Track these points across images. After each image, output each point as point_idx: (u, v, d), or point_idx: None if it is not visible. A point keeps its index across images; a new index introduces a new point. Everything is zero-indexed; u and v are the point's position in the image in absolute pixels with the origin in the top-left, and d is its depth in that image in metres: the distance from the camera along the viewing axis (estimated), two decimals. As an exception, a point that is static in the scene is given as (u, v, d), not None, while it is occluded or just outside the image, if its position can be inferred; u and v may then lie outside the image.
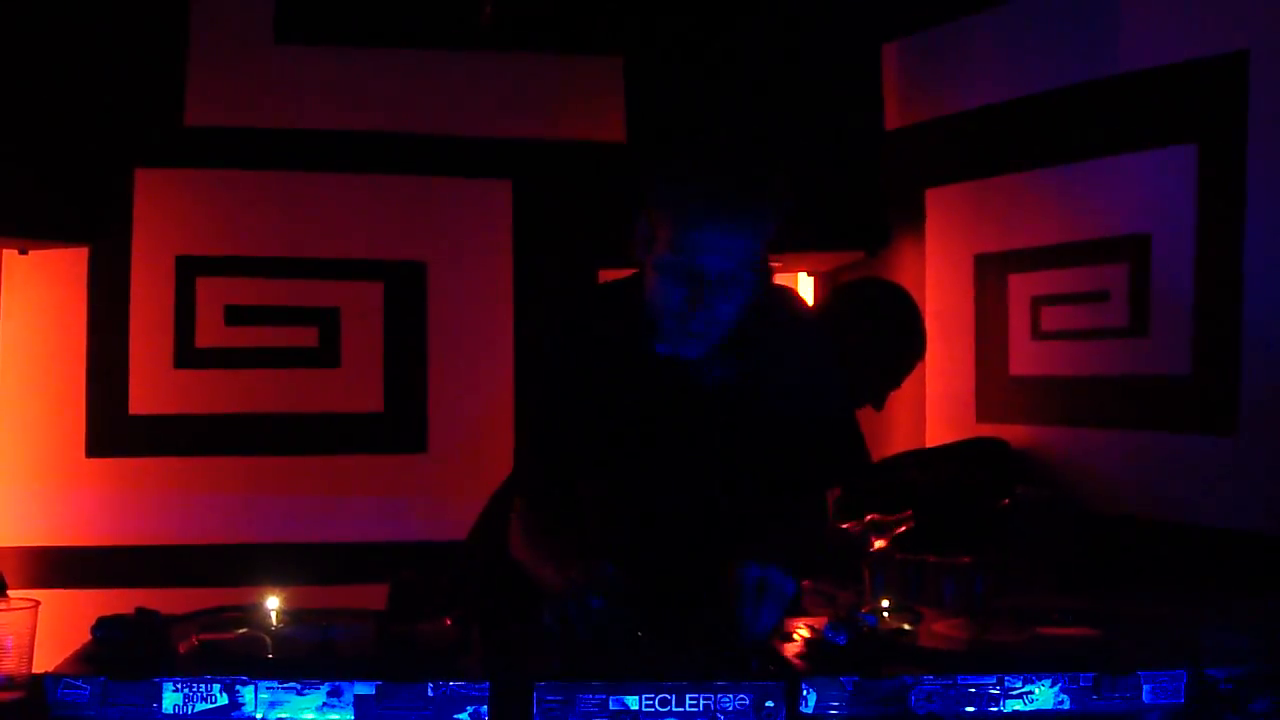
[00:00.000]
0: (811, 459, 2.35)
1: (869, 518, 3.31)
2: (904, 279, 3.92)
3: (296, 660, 1.76)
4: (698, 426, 2.30)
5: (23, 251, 3.75)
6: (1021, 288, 3.71)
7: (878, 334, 3.36)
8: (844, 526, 3.30)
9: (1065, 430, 3.57)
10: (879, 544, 3.05)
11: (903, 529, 3.09)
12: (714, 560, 2.18)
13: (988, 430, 3.78)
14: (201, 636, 1.84)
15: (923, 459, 3.72)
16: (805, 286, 4.36)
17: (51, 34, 3.44)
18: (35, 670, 1.91)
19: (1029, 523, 3.29)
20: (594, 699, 1.69)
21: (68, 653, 1.78)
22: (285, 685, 1.69)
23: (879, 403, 3.45)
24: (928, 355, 3.63)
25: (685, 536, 2.32)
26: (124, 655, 1.75)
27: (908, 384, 3.61)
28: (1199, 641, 1.91)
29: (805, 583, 3.17)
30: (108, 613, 1.85)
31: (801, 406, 2.34)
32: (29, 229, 3.51)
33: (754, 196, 2.17)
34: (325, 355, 4.11)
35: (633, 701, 1.70)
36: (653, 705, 1.70)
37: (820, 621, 1.96)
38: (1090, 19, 3.49)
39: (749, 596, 1.97)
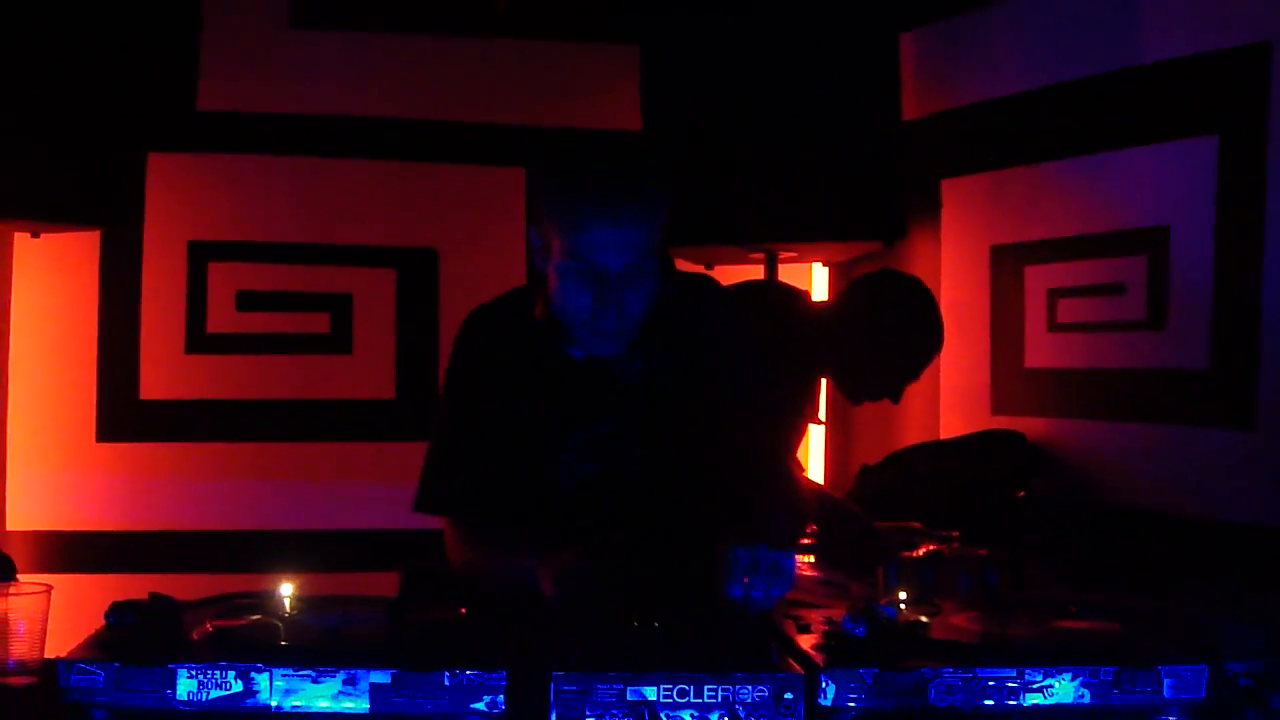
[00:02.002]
0: (730, 440, 2.33)
1: (912, 524, 3.30)
2: (919, 270, 3.90)
3: (312, 648, 1.74)
4: (625, 421, 2.29)
5: (35, 235, 3.74)
6: (1038, 279, 3.70)
7: (896, 327, 3.34)
8: (880, 525, 3.30)
9: (1081, 423, 3.56)
10: (910, 553, 3.04)
11: (935, 550, 3.08)
12: (672, 549, 2.22)
13: (1003, 423, 3.76)
14: (215, 623, 1.82)
15: (937, 451, 3.71)
16: (820, 278, 4.35)
17: (65, 18, 3.43)
18: (47, 655, 1.91)
19: (1044, 516, 3.28)
20: (611, 689, 1.68)
21: (80, 638, 1.76)
22: (300, 673, 1.67)
23: (896, 396, 3.43)
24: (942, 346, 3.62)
25: (630, 534, 2.31)
26: (137, 641, 1.74)
27: (922, 375, 3.59)
28: (1219, 636, 1.90)
29: (802, 566, 3.16)
30: (119, 598, 1.83)
31: (718, 390, 2.33)
32: (41, 212, 3.50)
33: (639, 187, 2.16)
34: (337, 341, 4.10)
35: (650, 692, 1.68)
36: (671, 696, 1.68)
37: (838, 613, 1.94)
38: (1110, 9, 3.47)
39: (740, 577, 1.96)
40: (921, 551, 2.86)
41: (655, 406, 2.31)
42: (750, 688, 1.69)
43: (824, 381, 3.45)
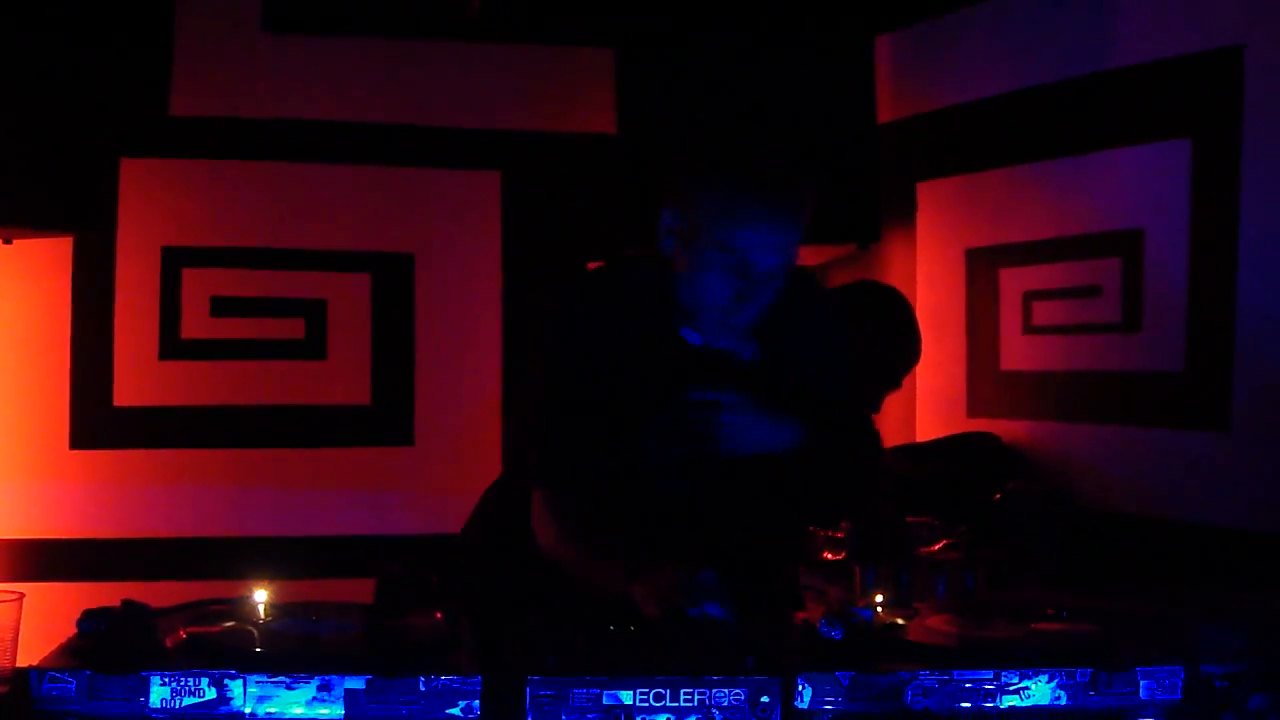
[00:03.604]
0: (826, 436, 2.34)
1: (925, 519, 3.31)
2: (895, 273, 3.91)
3: (286, 654, 1.74)
4: (733, 396, 2.28)
5: (7, 241, 3.71)
6: (1013, 282, 3.70)
7: (874, 338, 3.35)
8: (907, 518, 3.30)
9: (1057, 425, 3.56)
10: (926, 549, 3.04)
11: (949, 546, 3.08)
12: (748, 541, 2.22)
13: (978, 425, 3.77)
14: (189, 629, 1.81)
15: (913, 454, 3.71)
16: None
17: (36, 23, 3.41)
18: (19, 664, 1.89)
19: (1020, 518, 3.27)
20: (587, 694, 1.67)
21: (52, 646, 1.75)
22: (274, 679, 1.66)
23: (876, 405, 3.44)
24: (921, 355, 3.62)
25: (716, 516, 2.30)
26: (110, 649, 1.73)
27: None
28: (1195, 638, 1.90)
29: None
30: (92, 606, 1.82)
31: (817, 385, 2.35)
32: (13, 219, 3.48)
33: (802, 193, 2.20)
34: (312, 347, 4.09)
35: (626, 696, 1.68)
36: (647, 700, 1.68)
37: (815, 616, 1.94)
38: (1084, 13, 3.48)
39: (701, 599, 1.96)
40: (939, 546, 2.86)
41: (756, 394, 2.29)
42: (727, 691, 1.69)
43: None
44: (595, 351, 2.29)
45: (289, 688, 1.67)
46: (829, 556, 3.09)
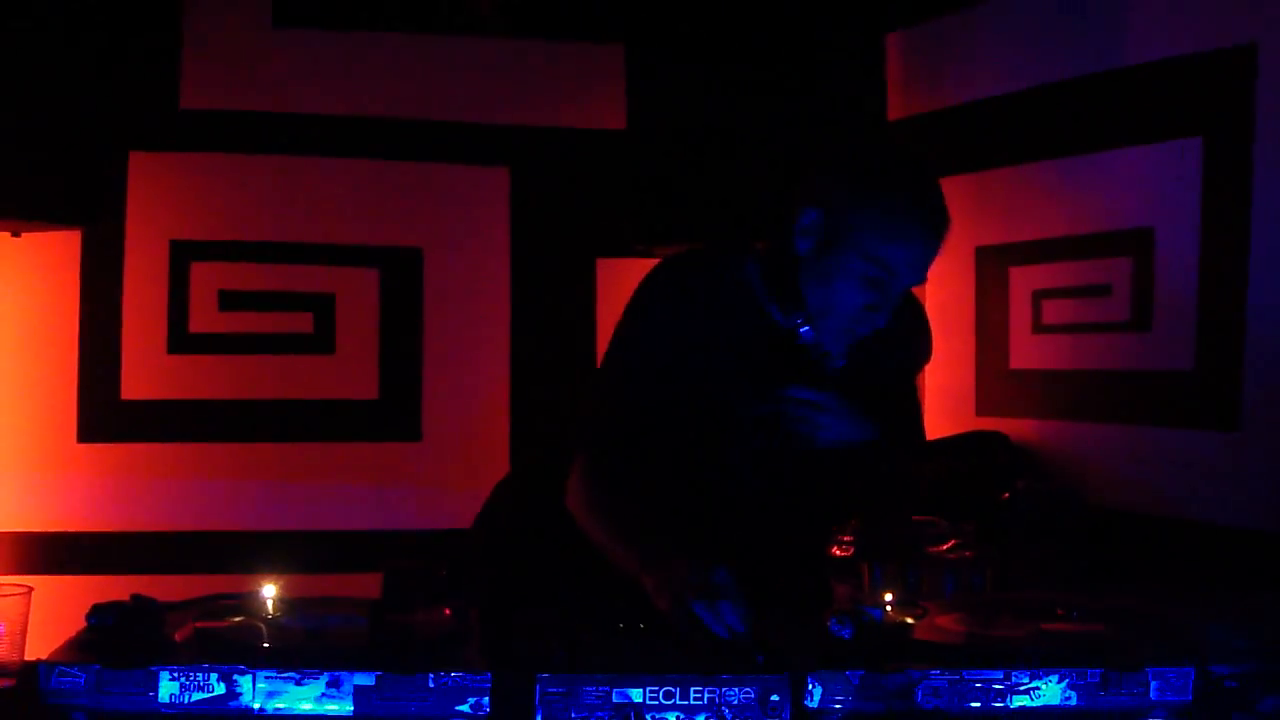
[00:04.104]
0: (892, 442, 2.35)
1: (932, 519, 3.31)
2: (904, 271, 3.89)
3: (295, 649, 1.73)
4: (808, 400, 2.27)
5: (16, 234, 3.72)
6: (1023, 281, 3.70)
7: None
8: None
9: (1066, 424, 3.56)
10: (936, 548, 3.05)
11: (957, 545, 3.09)
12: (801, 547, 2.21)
13: (987, 424, 3.76)
14: (198, 624, 1.81)
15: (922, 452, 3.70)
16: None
17: (46, 16, 3.41)
18: (28, 658, 1.89)
19: (1029, 517, 3.27)
20: (597, 691, 1.67)
21: (61, 640, 1.75)
22: (283, 674, 1.66)
23: None
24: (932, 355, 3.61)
25: (758, 522, 2.30)
26: (119, 643, 1.72)
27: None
28: (1205, 638, 1.90)
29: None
30: (100, 599, 1.82)
31: (889, 392, 2.37)
32: (22, 211, 3.48)
33: (947, 214, 2.23)
34: (320, 342, 4.08)
35: (636, 694, 1.67)
36: (657, 698, 1.67)
37: (825, 615, 1.93)
38: (1095, 11, 3.47)
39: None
40: (948, 546, 2.87)
41: (848, 397, 2.28)
42: (737, 690, 1.68)
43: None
44: (684, 336, 2.26)
45: (298, 683, 1.66)
46: (837, 553, 3.10)
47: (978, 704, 1.75)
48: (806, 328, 2.23)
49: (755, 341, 2.27)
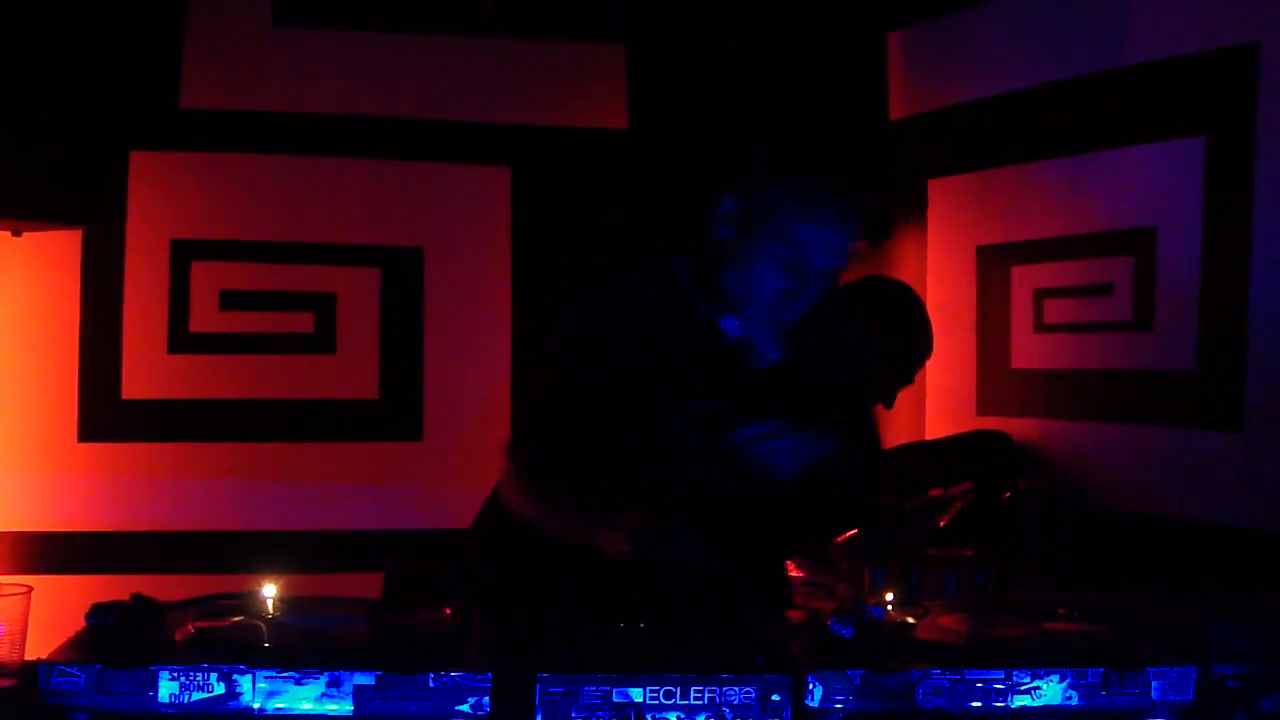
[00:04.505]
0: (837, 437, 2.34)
1: (932, 493, 3.31)
2: (906, 270, 3.90)
3: (295, 649, 1.73)
4: (745, 403, 2.27)
5: (16, 233, 3.71)
6: (1024, 280, 3.69)
7: (887, 333, 3.34)
8: (908, 504, 3.31)
9: (1068, 424, 3.55)
10: (942, 521, 3.04)
11: (959, 505, 3.08)
12: (748, 544, 2.23)
13: (989, 423, 3.76)
14: (198, 624, 1.81)
15: (923, 452, 3.70)
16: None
17: (47, 15, 3.41)
18: (27, 657, 1.89)
19: (1031, 517, 3.27)
20: (597, 691, 1.67)
21: (61, 640, 1.75)
22: (283, 674, 1.66)
23: (889, 401, 3.43)
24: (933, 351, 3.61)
25: (720, 515, 2.30)
26: (119, 642, 1.72)
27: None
28: (1207, 638, 1.89)
29: (798, 572, 3.16)
30: (100, 599, 1.82)
31: (832, 386, 2.35)
32: (23, 210, 3.48)
33: (864, 196, 2.20)
34: (321, 341, 4.08)
35: (637, 694, 1.67)
36: (657, 697, 1.67)
37: (826, 614, 1.93)
38: (1097, 10, 3.47)
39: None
40: (951, 514, 2.86)
41: (776, 394, 2.29)
42: (737, 689, 1.68)
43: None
44: (611, 342, 2.29)
45: (298, 683, 1.66)
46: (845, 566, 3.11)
47: (979, 704, 1.75)
48: (732, 321, 2.24)
49: (685, 340, 2.28)
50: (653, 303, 2.30)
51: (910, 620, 1.95)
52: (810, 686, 1.72)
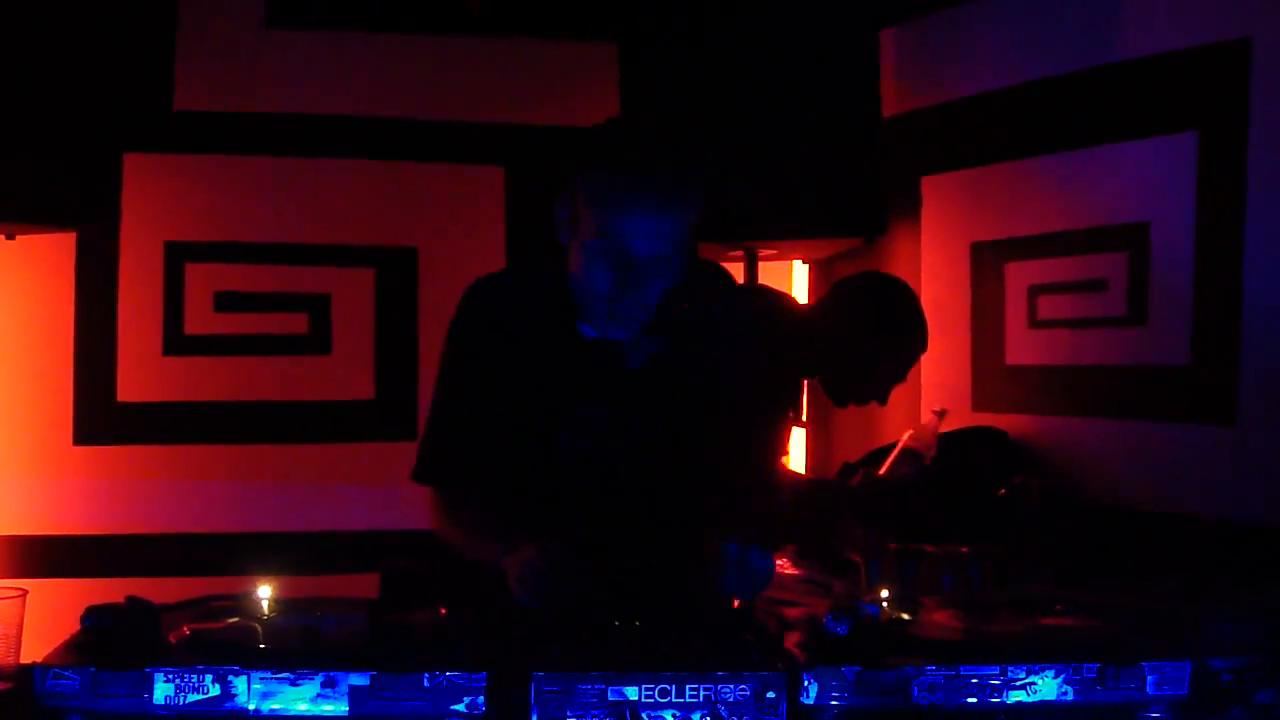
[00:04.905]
0: (730, 439, 2.34)
1: (899, 448, 3.32)
2: (900, 267, 3.90)
3: (290, 650, 1.73)
4: (621, 408, 2.29)
5: (10, 236, 3.71)
6: (1018, 276, 3.69)
7: (879, 330, 3.33)
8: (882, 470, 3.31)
9: (1062, 420, 3.56)
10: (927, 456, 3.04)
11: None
12: (661, 539, 2.24)
13: (984, 419, 3.76)
14: (193, 626, 1.81)
15: (918, 448, 3.70)
16: (800, 274, 4.34)
17: (40, 17, 3.41)
18: (23, 660, 1.89)
19: (1026, 513, 3.27)
20: (593, 689, 1.67)
21: (56, 643, 1.75)
22: (279, 675, 1.66)
23: (883, 398, 3.42)
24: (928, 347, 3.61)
25: (615, 519, 2.30)
26: (114, 645, 1.72)
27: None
28: (1202, 632, 1.90)
29: (783, 564, 3.16)
30: (95, 602, 1.82)
31: (726, 380, 2.35)
32: (16, 213, 3.47)
33: (679, 178, 2.17)
34: (315, 342, 4.08)
35: (632, 692, 1.67)
36: (652, 696, 1.67)
37: (821, 611, 1.94)
38: (1090, 5, 3.47)
39: (731, 571, 2.03)
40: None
41: (657, 391, 2.30)
42: (732, 687, 1.68)
43: (804, 384, 3.45)
44: (489, 354, 2.31)
45: (293, 684, 1.66)
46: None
47: (974, 699, 1.75)
48: (583, 324, 2.25)
49: (559, 347, 2.29)
50: (530, 312, 2.31)
51: (905, 617, 1.96)
52: (805, 683, 1.72)
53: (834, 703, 1.72)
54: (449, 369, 2.37)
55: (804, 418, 3.45)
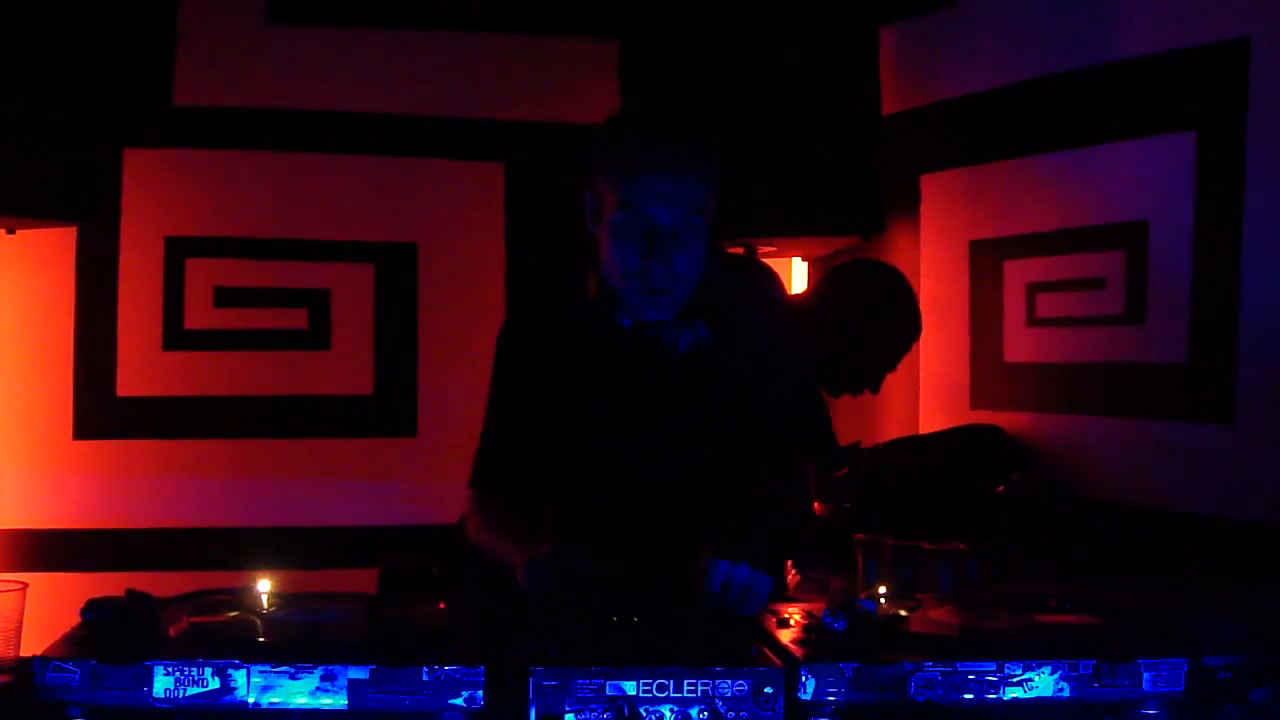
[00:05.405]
0: (776, 429, 2.35)
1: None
2: (899, 264, 3.89)
3: (290, 644, 1.74)
4: (668, 396, 2.30)
5: (10, 231, 3.71)
6: (1017, 274, 3.70)
7: (873, 316, 3.34)
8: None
9: (1060, 418, 3.56)
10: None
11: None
12: (695, 538, 2.20)
13: (982, 417, 3.76)
14: (193, 619, 1.81)
15: (917, 445, 3.71)
16: (800, 272, 4.34)
17: (40, 12, 3.41)
18: (23, 653, 1.90)
19: (1024, 510, 3.28)
20: (591, 684, 1.67)
21: (56, 636, 1.75)
22: (278, 669, 1.67)
23: (875, 386, 3.43)
24: (922, 341, 3.61)
25: (663, 513, 2.31)
26: (114, 638, 1.73)
27: (902, 369, 3.59)
28: (1198, 630, 1.90)
29: (793, 574, 3.16)
30: (95, 595, 1.82)
31: (766, 375, 2.36)
32: (16, 208, 3.47)
33: (692, 142, 2.21)
34: (315, 337, 4.08)
35: (630, 687, 1.68)
36: (650, 691, 1.68)
37: (818, 607, 1.94)
38: (1089, 4, 3.47)
39: (717, 596, 2.01)
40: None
41: (699, 382, 2.31)
42: (730, 682, 1.69)
43: None
44: (536, 361, 2.35)
45: (292, 677, 1.67)
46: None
47: (970, 695, 1.76)
48: (625, 316, 2.27)
49: (604, 342, 2.31)
50: (572, 319, 2.35)
51: (903, 613, 1.96)
52: (803, 679, 1.73)
53: (831, 698, 1.73)
54: (500, 378, 2.40)
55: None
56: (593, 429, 2.32)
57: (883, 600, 1.99)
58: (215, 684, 1.67)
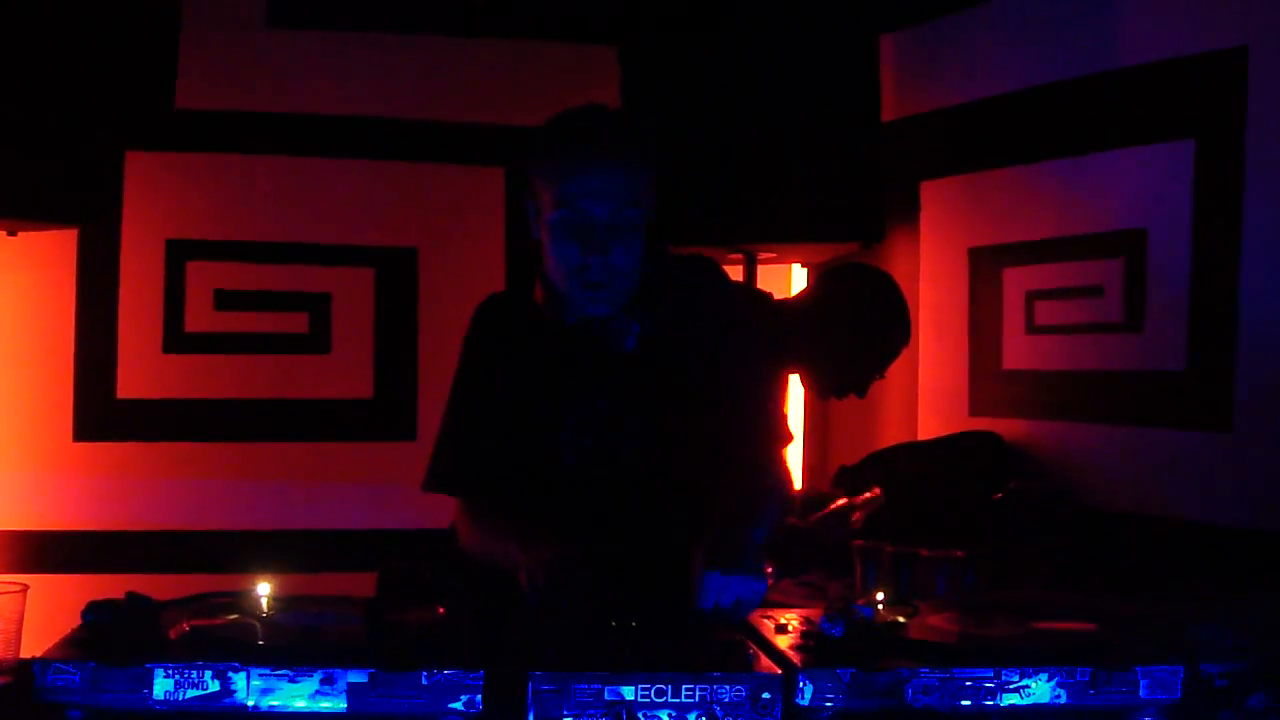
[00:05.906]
0: (728, 425, 2.35)
1: (835, 505, 3.32)
2: (898, 272, 3.90)
3: (289, 647, 1.74)
4: (618, 393, 2.31)
5: (11, 233, 3.71)
6: (1016, 282, 3.70)
7: (862, 320, 3.32)
8: (811, 519, 3.31)
9: (1059, 425, 3.56)
10: (855, 518, 3.04)
11: (872, 502, 3.08)
12: (653, 534, 2.25)
13: (980, 424, 3.77)
14: (193, 622, 1.82)
15: (915, 452, 3.71)
16: (800, 278, 4.35)
17: (42, 15, 3.41)
18: (23, 655, 1.90)
19: (1022, 517, 3.28)
20: (589, 689, 1.67)
21: (56, 638, 1.76)
22: (277, 672, 1.67)
23: (862, 390, 3.40)
24: (921, 348, 3.62)
25: (620, 510, 2.32)
26: (114, 641, 1.73)
27: (899, 376, 3.59)
28: (1195, 637, 1.90)
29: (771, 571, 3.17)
30: (95, 597, 1.82)
31: (717, 367, 2.36)
32: (18, 210, 3.48)
33: (623, 136, 2.24)
34: (315, 341, 4.09)
35: (628, 691, 1.68)
36: (648, 696, 1.68)
37: (816, 613, 1.95)
38: (1089, 13, 3.48)
39: (711, 598, 2.01)
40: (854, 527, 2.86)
41: (650, 378, 2.32)
42: (728, 688, 1.69)
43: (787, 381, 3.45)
44: (493, 365, 2.37)
45: (292, 681, 1.67)
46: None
47: (968, 702, 1.76)
48: (570, 315, 2.28)
49: (552, 343, 2.33)
50: (527, 322, 2.36)
51: (901, 619, 1.96)
52: (800, 685, 1.73)
53: (829, 704, 1.73)
54: (458, 382, 2.43)
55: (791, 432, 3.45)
56: (545, 428, 2.32)
57: (880, 606, 1.99)
58: (215, 687, 1.67)
